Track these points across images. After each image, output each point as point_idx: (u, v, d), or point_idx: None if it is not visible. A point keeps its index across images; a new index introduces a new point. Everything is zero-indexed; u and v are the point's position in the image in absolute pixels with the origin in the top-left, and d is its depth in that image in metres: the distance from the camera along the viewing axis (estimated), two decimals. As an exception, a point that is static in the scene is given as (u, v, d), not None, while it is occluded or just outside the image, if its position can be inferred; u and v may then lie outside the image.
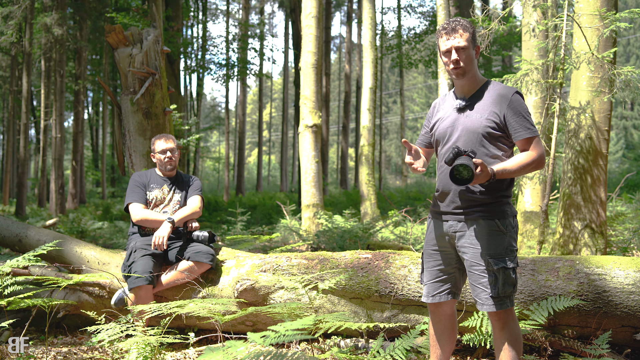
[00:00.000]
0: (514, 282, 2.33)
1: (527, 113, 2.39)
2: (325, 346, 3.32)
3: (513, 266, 2.33)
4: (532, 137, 2.35)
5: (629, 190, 13.54)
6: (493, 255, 2.32)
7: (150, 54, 5.05)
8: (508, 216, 2.38)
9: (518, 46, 16.45)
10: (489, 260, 2.32)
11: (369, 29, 11.22)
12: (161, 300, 3.72)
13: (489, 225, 2.34)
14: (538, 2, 5.30)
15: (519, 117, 2.35)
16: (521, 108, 2.37)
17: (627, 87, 4.69)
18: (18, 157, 19.04)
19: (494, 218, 2.35)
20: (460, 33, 2.40)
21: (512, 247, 2.36)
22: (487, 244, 2.33)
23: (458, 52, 2.40)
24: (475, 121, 2.39)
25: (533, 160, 2.34)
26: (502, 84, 2.47)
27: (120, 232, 9.56)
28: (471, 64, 2.42)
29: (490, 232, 2.34)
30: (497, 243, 2.33)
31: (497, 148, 2.38)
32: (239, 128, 28.21)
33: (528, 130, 2.35)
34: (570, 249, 4.86)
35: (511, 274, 2.33)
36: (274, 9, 40.78)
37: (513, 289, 2.34)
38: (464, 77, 2.43)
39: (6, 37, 14.37)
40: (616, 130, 39.82)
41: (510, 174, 2.32)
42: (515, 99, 2.38)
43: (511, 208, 2.42)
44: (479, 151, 2.38)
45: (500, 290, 2.30)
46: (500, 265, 2.30)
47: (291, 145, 42.31)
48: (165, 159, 3.87)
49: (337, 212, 11.60)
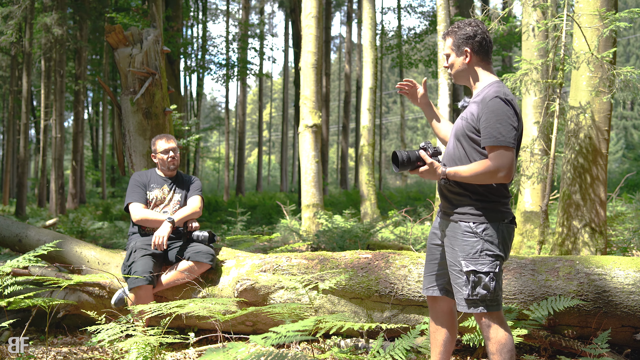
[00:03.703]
0: (488, 287, 2.29)
1: (500, 119, 2.26)
2: (326, 346, 3.32)
3: (487, 270, 2.29)
4: (493, 146, 2.27)
5: (629, 190, 13.53)
6: (465, 257, 2.32)
7: (150, 54, 5.05)
8: (490, 220, 2.33)
9: (518, 46, 16.46)
10: (461, 262, 2.33)
11: (369, 29, 11.22)
12: (161, 300, 3.72)
13: (464, 227, 2.35)
14: (538, 2, 5.30)
15: (488, 124, 2.28)
16: (493, 114, 2.26)
17: (626, 87, 4.69)
18: (18, 157, 19.04)
19: (470, 221, 2.34)
20: (446, 38, 2.48)
21: (488, 252, 2.30)
22: (460, 246, 2.35)
23: (447, 57, 2.49)
24: (462, 124, 2.42)
25: (486, 170, 2.26)
26: (495, 87, 2.36)
27: (120, 232, 9.56)
28: (457, 68, 2.46)
29: (465, 234, 2.34)
30: (470, 246, 2.32)
31: (477, 152, 2.36)
32: (239, 128, 28.20)
33: (492, 138, 2.26)
34: (570, 249, 4.86)
35: (483, 277, 2.29)
36: (274, 9, 40.79)
37: (487, 293, 2.29)
38: (457, 81, 2.51)
39: (6, 37, 14.37)
40: (616, 130, 39.82)
41: (462, 179, 2.32)
42: (491, 104, 2.28)
43: (498, 213, 2.35)
44: (460, 154, 2.40)
45: (471, 292, 2.30)
46: (470, 268, 2.30)
47: (291, 145, 42.30)
48: (168, 158, 3.87)
49: (337, 212, 11.60)
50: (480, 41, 2.42)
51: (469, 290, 2.31)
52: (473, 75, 2.45)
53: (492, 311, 2.31)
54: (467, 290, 2.31)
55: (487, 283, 2.29)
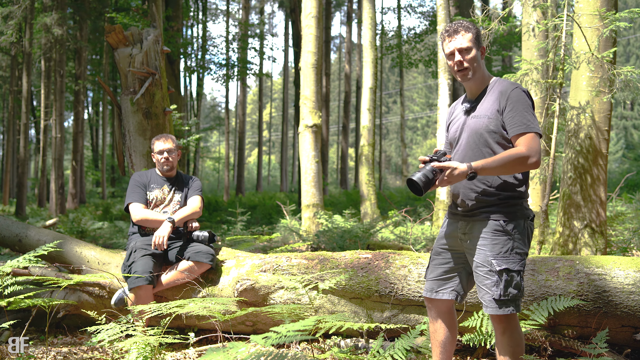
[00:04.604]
0: (519, 286, 2.28)
1: (527, 109, 2.29)
2: (326, 346, 3.32)
3: (518, 269, 2.28)
4: (524, 133, 2.27)
5: (629, 190, 13.53)
6: (496, 257, 2.28)
7: (150, 54, 5.05)
8: (517, 218, 2.32)
9: (518, 46, 16.45)
10: (492, 262, 2.28)
11: (369, 29, 11.22)
12: (161, 300, 3.72)
13: (493, 226, 2.32)
14: (538, 2, 5.30)
15: (515, 113, 2.29)
16: (519, 103, 2.29)
17: (626, 87, 4.69)
18: (18, 157, 19.04)
19: (499, 219, 2.32)
20: (462, 34, 2.39)
21: (518, 250, 2.30)
22: (491, 245, 2.31)
23: (461, 53, 2.39)
24: (479, 122, 2.38)
25: (517, 156, 2.21)
26: (507, 81, 2.40)
27: (120, 232, 9.56)
28: (476, 64, 2.40)
29: (495, 233, 2.31)
30: (501, 244, 2.29)
31: (502, 147, 2.34)
32: (239, 128, 28.21)
33: (522, 125, 2.27)
34: (570, 249, 4.86)
35: (515, 276, 2.27)
36: (274, 9, 40.79)
37: (518, 292, 2.28)
38: (471, 78, 2.41)
39: (6, 37, 14.37)
40: (616, 130, 39.81)
41: (492, 170, 2.24)
42: (514, 94, 2.31)
43: (524, 210, 2.35)
44: (484, 152, 2.35)
45: (504, 292, 2.26)
46: (503, 267, 2.26)
47: (291, 145, 42.30)
48: (162, 159, 3.86)
49: (337, 212, 11.60)
50: None
51: (500, 290, 2.26)
52: (483, 71, 2.46)
53: (518, 312, 2.30)
54: (499, 290, 2.26)
55: (518, 282, 2.28)
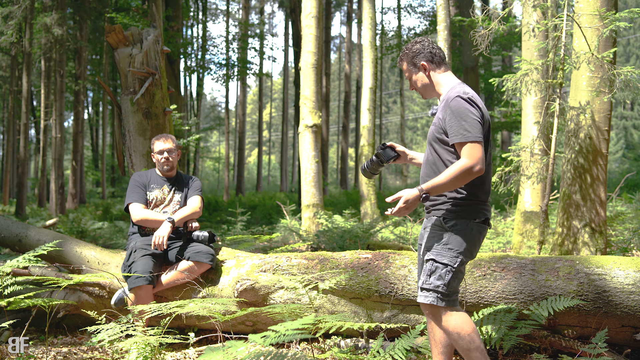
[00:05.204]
0: (442, 278, 2.36)
1: (464, 117, 2.32)
2: (325, 346, 3.32)
3: (446, 262, 2.37)
4: (462, 143, 2.32)
5: (629, 190, 13.53)
6: (429, 248, 2.44)
7: (150, 54, 5.05)
8: (459, 217, 2.40)
9: (518, 46, 16.45)
10: (425, 252, 2.44)
11: (369, 29, 11.21)
12: (161, 300, 3.72)
13: (435, 221, 2.46)
14: (538, 2, 5.30)
15: (453, 122, 2.34)
16: (457, 112, 2.34)
17: (626, 87, 4.69)
18: (18, 157, 19.04)
19: (442, 216, 2.43)
20: (402, 64, 2.62)
21: (452, 246, 2.38)
22: (429, 238, 2.47)
23: (410, 80, 2.62)
24: (432, 130, 2.53)
25: (461, 169, 2.28)
26: (455, 89, 2.44)
27: (120, 232, 9.56)
28: (421, 83, 2.57)
29: (434, 227, 2.46)
30: (436, 238, 2.43)
31: (449, 153, 2.43)
32: (239, 128, 28.20)
33: (459, 135, 2.32)
34: (570, 249, 4.86)
35: (440, 268, 2.37)
36: (274, 9, 40.79)
37: (442, 285, 2.36)
38: (425, 96, 2.62)
39: (6, 37, 14.37)
40: (616, 130, 39.81)
41: (442, 187, 2.32)
42: (453, 103, 2.36)
43: (471, 211, 2.41)
44: (434, 157, 2.49)
45: (425, 280, 2.39)
46: (430, 257, 2.40)
47: (291, 145, 42.30)
48: (162, 159, 3.87)
49: (337, 212, 11.60)
50: (431, 52, 2.54)
51: (424, 277, 2.40)
52: (436, 84, 2.56)
53: (443, 305, 2.38)
54: (423, 277, 2.41)
55: (442, 274, 2.37)
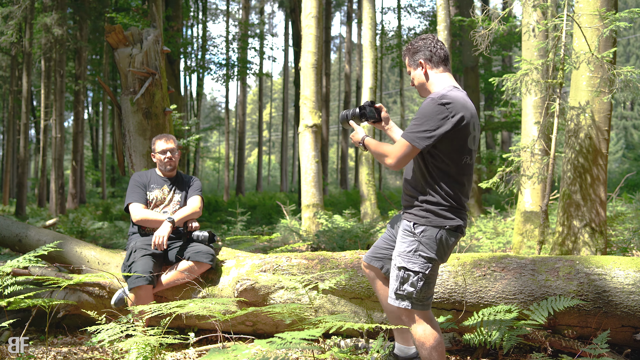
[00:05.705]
0: (415, 285, 2.39)
1: (422, 117, 2.35)
2: (325, 346, 3.32)
3: (417, 270, 2.39)
4: (402, 137, 2.42)
5: (629, 190, 13.53)
6: (401, 254, 2.45)
7: (150, 54, 5.05)
8: (429, 224, 2.40)
9: (518, 46, 16.45)
10: (397, 257, 2.47)
11: (369, 29, 11.21)
12: (161, 300, 3.72)
13: (404, 226, 2.48)
14: (538, 2, 5.30)
15: (413, 119, 2.42)
16: (421, 112, 2.38)
17: (626, 87, 4.69)
18: (18, 157, 19.05)
19: (412, 221, 2.44)
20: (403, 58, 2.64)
21: (423, 253, 2.40)
22: (399, 243, 2.49)
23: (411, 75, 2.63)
24: None
25: (383, 152, 2.47)
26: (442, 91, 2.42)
27: (120, 232, 9.56)
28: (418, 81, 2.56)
29: (404, 232, 2.47)
30: (407, 244, 2.44)
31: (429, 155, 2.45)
32: (239, 128, 28.21)
33: (404, 132, 2.43)
34: (570, 249, 4.86)
35: (412, 276, 2.40)
36: (274, 9, 40.80)
37: (414, 291, 2.40)
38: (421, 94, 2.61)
39: (6, 37, 14.37)
40: (616, 130, 39.81)
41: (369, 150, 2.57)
42: (424, 103, 2.42)
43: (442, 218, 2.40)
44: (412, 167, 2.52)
45: (398, 287, 2.43)
46: (402, 265, 2.43)
47: (291, 145, 42.30)
48: (165, 159, 3.87)
49: (337, 212, 11.60)
50: (432, 50, 2.52)
51: (397, 284, 2.45)
52: (430, 84, 2.54)
53: (417, 309, 2.42)
54: (396, 284, 2.45)
55: (414, 282, 2.40)
